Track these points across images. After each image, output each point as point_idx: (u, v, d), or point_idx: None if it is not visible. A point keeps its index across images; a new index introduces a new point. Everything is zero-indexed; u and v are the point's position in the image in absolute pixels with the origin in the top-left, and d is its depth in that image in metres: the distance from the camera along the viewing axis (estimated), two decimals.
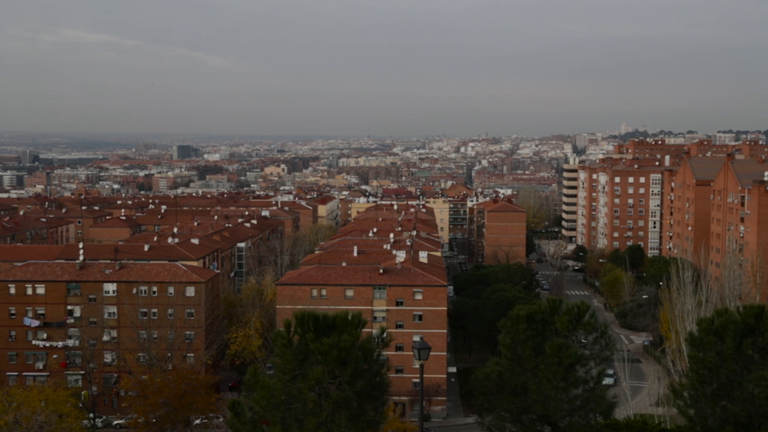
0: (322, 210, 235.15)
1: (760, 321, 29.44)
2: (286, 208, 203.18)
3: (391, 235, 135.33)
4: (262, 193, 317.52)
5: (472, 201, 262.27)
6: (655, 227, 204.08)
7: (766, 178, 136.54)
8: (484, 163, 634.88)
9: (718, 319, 30.11)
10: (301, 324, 28.78)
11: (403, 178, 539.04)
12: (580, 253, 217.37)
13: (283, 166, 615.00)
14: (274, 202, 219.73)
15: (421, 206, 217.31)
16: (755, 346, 29.28)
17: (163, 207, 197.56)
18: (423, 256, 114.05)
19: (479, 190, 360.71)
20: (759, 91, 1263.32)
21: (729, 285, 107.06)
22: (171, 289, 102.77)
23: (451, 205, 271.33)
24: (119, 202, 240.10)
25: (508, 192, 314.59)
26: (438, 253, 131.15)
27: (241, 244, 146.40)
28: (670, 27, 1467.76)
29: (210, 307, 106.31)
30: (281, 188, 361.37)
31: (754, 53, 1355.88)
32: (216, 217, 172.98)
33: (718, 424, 28.82)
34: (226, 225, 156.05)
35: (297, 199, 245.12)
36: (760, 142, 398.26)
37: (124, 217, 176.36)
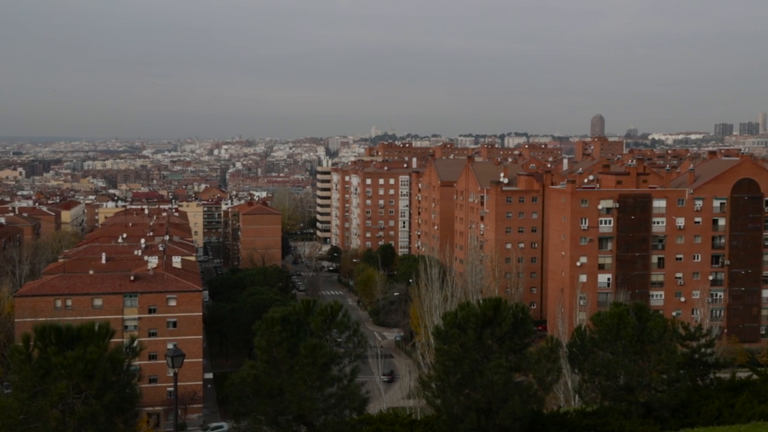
0: (66, 216, 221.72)
1: (498, 312, 31.53)
2: (25, 215, 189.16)
3: (143, 241, 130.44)
4: None
5: (226, 204, 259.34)
6: (404, 227, 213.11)
7: (501, 179, 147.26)
8: (239, 165, 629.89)
9: (461, 313, 31.86)
10: (41, 337, 26.98)
11: (155, 181, 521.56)
12: (335, 254, 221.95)
13: (20, 169, 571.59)
14: (10, 208, 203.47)
15: (173, 210, 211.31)
16: (494, 336, 31.30)
17: None
18: (176, 261, 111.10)
19: (234, 192, 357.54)
20: (493, 97, 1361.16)
21: (472, 280, 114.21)
22: None
23: (206, 209, 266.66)
24: None
25: (263, 194, 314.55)
26: (192, 258, 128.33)
27: None
28: (415, 36, 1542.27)
29: None
30: (19, 193, 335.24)
31: (490, 62, 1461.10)
32: None
33: (462, 411, 30.51)
34: None
35: (37, 204, 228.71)
36: (496, 146, 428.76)
37: None
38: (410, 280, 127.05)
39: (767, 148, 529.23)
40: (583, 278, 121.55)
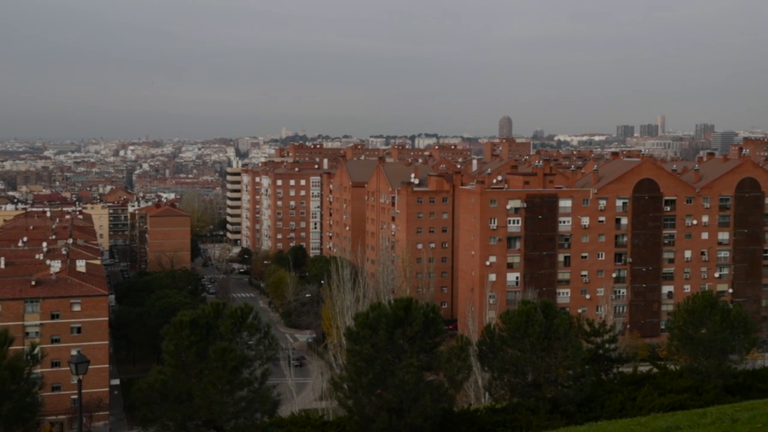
0: None
1: (409, 312, 31.74)
2: None
3: (44, 244, 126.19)
4: None
5: (133, 206, 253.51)
6: (316, 228, 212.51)
7: (412, 180, 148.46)
8: (146, 166, 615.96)
9: (373, 313, 31.94)
10: None
11: (57, 183, 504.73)
12: (246, 256, 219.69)
13: None
14: None
15: (77, 213, 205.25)
16: (405, 336, 31.49)
17: None
18: (81, 264, 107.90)
19: (141, 194, 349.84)
20: (404, 99, 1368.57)
21: (383, 280, 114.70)
22: None
23: (111, 211, 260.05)
24: None
25: (172, 196, 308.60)
26: (98, 262, 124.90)
27: None
28: (326, 37, 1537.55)
29: None
30: None
31: (401, 64, 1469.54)
32: None
33: (374, 412, 30.58)
34: None
35: None
36: (407, 147, 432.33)
37: None
38: (322, 282, 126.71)
39: (666, 149, 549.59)
40: (493, 277, 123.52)
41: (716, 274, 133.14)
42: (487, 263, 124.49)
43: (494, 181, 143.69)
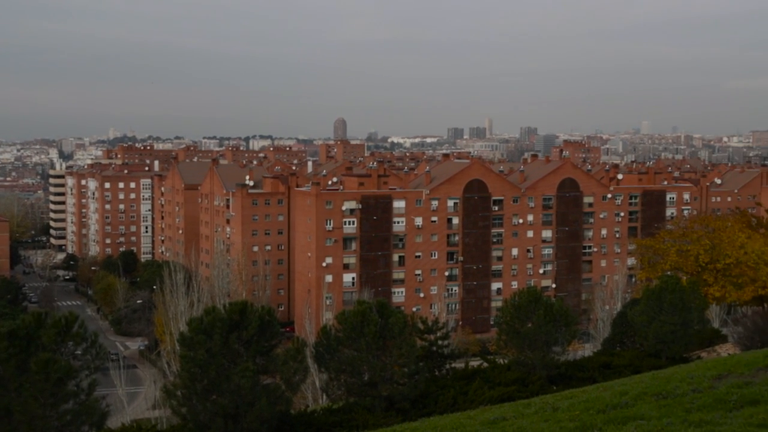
0: None
1: (244, 316, 31.33)
2: None
3: None
4: None
5: None
6: (147, 232, 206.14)
7: (247, 182, 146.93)
8: None
9: (207, 318, 31.31)
10: None
11: None
12: (72, 262, 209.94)
13: None
14: None
15: None
16: (240, 340, 31.07)
17: None
18: None
19: None
20: (238, 99, 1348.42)
21: (219, 284, 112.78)
22: None
23: None
24: None
25: None
26: None
27: None
28: (156, 35, 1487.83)
29: None
30: None
31: (234, 64, 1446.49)
32: None
33: (209, 418, 29.99)
34: None
35: None
36: (242, 148, 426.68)
37: None
38: (154, 287, 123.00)
39: (493, 150, 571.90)
40: (329, 278, 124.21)
41: (541, 271, 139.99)
42: (324, 264, 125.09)
43: (330, 182, 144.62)
